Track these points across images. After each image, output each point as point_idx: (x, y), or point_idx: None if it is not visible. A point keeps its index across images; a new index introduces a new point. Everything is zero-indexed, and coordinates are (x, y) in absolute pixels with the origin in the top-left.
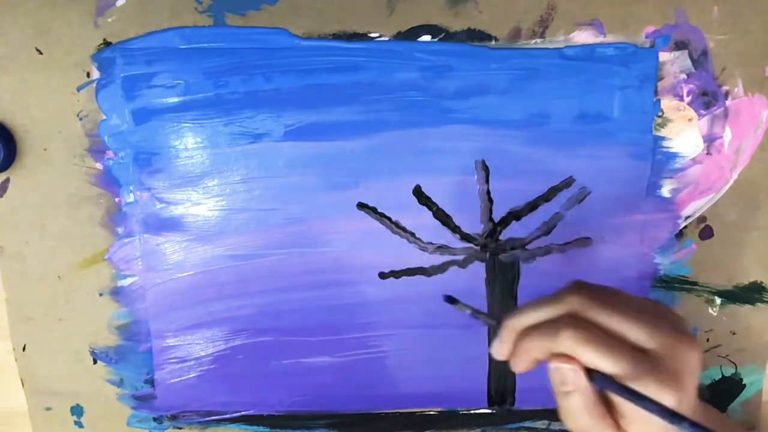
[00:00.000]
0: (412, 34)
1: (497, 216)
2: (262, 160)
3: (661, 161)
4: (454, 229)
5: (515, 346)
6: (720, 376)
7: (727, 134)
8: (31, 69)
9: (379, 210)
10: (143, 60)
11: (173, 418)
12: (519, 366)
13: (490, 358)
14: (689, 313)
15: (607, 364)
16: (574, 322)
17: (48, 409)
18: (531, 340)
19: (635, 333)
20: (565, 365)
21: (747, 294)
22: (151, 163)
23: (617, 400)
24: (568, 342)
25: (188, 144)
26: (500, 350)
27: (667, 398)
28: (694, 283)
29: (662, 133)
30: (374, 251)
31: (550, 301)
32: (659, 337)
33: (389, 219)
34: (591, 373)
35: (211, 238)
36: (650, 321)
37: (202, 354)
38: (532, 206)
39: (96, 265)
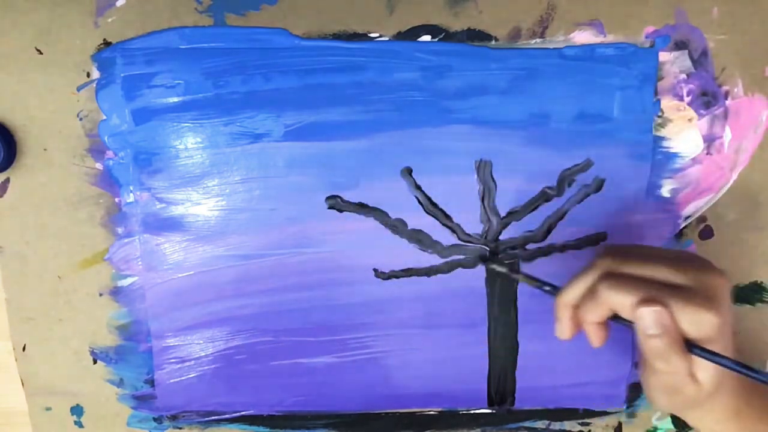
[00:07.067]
0: (412, 34)
1: None
2: (261, 160)
3: (661, 161)
4: (454, 229)
5: (574, 321)
6: None
7: (727, 134)
8: (31, 69)
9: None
10: (143, 60)
11: (173, 418)
12: (594, 339)
13: (490, 358)
14: None
15: (643, 297)
16: (606, 276)
17: (48, 409)
18: (582, 309)
19: (663, 273)
20: (649, 307)
21: (747, 294)
22: (151, 163)
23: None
24: (606, 293)
25: (188, 144)
26: (561, 330)
27: (707, 317)
28: None
29: (662, 133)
30: (374, 251)
31: (586, 271)
32: (686, 272)
33: (388, 217)
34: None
35: (211, 238)
36: (676, 261)
37: (202, 354)
38: (531, 206)
39: (96, 265)
